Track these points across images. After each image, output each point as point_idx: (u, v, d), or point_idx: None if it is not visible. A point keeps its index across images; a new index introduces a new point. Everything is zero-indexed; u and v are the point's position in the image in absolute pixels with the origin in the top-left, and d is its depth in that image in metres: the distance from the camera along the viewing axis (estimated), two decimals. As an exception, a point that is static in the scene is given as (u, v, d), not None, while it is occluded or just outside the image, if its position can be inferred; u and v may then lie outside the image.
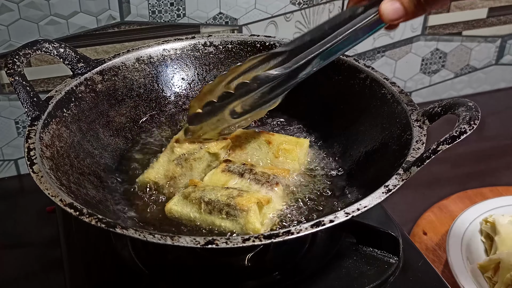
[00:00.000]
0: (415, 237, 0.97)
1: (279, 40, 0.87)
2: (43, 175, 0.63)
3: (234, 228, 0.66)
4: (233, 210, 0.66)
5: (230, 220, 0.66)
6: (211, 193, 0.68)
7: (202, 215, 0.68)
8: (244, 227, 0.66)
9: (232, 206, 0.66)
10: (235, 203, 0.66)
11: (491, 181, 1.11)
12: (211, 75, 0.88)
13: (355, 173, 0.76)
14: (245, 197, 0.67)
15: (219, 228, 0.67)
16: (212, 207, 0.67)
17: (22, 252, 0.93)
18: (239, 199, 0.66)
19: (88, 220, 0.58)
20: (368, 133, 0.77)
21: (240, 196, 0.67)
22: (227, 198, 0.67)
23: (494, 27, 1.30)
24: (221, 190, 0.69)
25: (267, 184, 0.71)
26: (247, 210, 0.66)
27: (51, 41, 0.76)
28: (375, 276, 0.72)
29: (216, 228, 0.67)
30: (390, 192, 0.61)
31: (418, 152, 0.65)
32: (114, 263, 0.74)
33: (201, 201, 0.68)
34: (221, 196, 0.67)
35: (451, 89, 1.35)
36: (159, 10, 1.01)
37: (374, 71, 0.80)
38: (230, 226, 0.66)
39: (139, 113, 0.85)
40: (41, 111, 0.72)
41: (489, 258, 0.88)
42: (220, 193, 0.68)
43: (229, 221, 0.66)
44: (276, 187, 0.71)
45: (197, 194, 0.68)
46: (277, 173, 0.74)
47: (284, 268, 0.74)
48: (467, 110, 0.64)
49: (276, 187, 0.71)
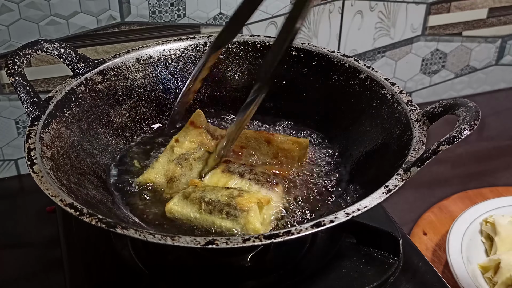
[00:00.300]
0: (415, 238, 0.97)
1: (279, 40, 0.87)
2: (44, 175, 0.63)
3: (235, 228, 0.66)
4: (234, 210, 0.66)
5: (231, 220, 0.66)
6: (212, 193, 0.68)
7: (202, 215, 0.68)
8: (245, 227, 0.66)
9: (233, 206, 0.66)
10: (235, 203, 0.66)
11: (491, 182, 1.11)
12: (211, 75, 0.88)
13: (355, 173, 0.76)
14: (246, 197, 0.67)
15: (220, 228, 0.67)
16: (213, 207, 0.67)
17: (22, 252, 0.93)
18: (239, 199, 0.66)
19: (89, 220, 0.58)
20: (368, 134, 0.77)
21: (241, 196, 0.67)
22: (227, 198, 0.67)
23: (494, 28, 1.30)
24: (222, 190, 0.69)
25: (267, 184, 0.71)
26: (248, 210, 0.66)
27: (52, 41, 0.76)
28: (375, 277, 0.72)
29: (216, 228, 0.67)
30: (390, 192, 0.61)
31: (418, 153, 0.65)
32: (114, 263, 0.74)
33: (201, 201, 0.68)
34: (222, 196, 0.67)
35: (451, 89, 1.35)
36: (159, 10, 1.01)
37: (374, 72, 0.80)
38: (231, 226, 0.66)
39: (139, 113, 0.85)
40: (42, 111, 0.72)
41: (489, 259, 0.88)
42: (221, 193, 0.68)
43: (230, 221, 0.66)
44: (277, 187, 0.71)
45: (197, 194, 0.68)
46: (277, 173, 0.74)
47: (284, 268, 0.74)
48: (467, 110, 0.64)
49: (276, 187, 0.71)
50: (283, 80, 0.87)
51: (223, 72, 0.89)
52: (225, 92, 0.89)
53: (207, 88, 0.89)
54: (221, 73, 0.89)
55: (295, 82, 0.87)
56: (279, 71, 0.87)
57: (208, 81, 0.88)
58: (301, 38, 1.12)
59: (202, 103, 0.89)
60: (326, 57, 0.84)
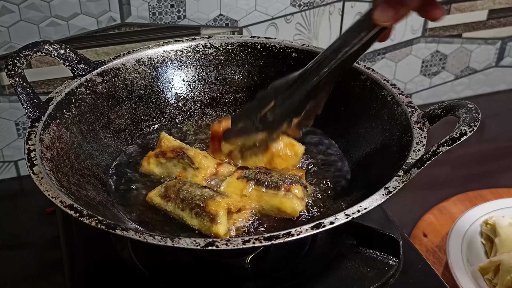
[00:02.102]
0: (415, 239, 0.97)
1: (280, 41, 0.87)
2: (43, 176, 0.63)
3: (200, 227, 0.68)
4: (202, 211, 0.67)
5: (198, 220, 0.68)
6: (188, 191, 0.70)
7: (176, 209, 0.70)
8: (209, 229, 0.67)
9: (202, 207, 0.68)
10: (205, 205, 0.67)
11: (491, 183, 1.11)
12: (212, 76, 0.89)
13: (355, 175, 0.76)
14: (216, 201, 0.68)
15: (189, 223, 0.68)
16: (185, 205, 0.69)
17: (22, 254, 0.93)
18: (210, 201, 0.68)
19: (88, 222, 0.58)
20: (369, 135, 0.77)
21: (212, 199, 0.68)
22: (199, 198, 0.68)
23: (494, 29, 1.30)
24: (198, 189, 0.70)
25: (285, 186, 0.71)
26: (214, 215, 0.67)
27: (52, 43, 0.76)
28: (375, 278, 0.72)
29: (187, 223, 0.69)
30: (390, 194, 0.61)
31: (418, 154, 0.65)
32: (114, 265, 0.74)
33: (177, 197, 0.70)
34: (195, 196, 0.69)
35: (451, 91, 1.35)
36: (159, 12, 1.01)
37: (374, 73, 0.80)
38: (197, 225, 0.68)
39: (139, 115, 0.85)
40: (42, 112, 0.72)
41: (489, 260, 0.88)
42: (196, 192, 0.69)
43: (197, 221, 0.68)
44: (295, 188, 0.71)
45: (175, 189, 0.70)
46: (293, 174, 0.73)
47: (284, 269, 0.74)
48: (467, 112, 0.64)
49: (295, 187, 0.71)
50: (283, 81, 0.87)
51: (223, 74, 0.89)
52: (225, 93, 0.89)
53: (207, 90, 0.89)
54: (221, 74, 0.89)
55: (295, 83, 0.86)
56: (279, 73, 0.87)
57: (208, 82, 0.88)
58: (301, 39, 1.12)
59: (202, 104, 0.89)
60: (326, 58, 0.84)
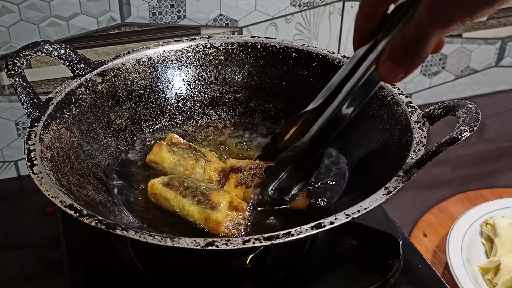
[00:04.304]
0: (415, 239, 0.97)
1: (280, 41, 0.87)
2: (43, 176, 0.63)
3: (198, 216, 0.68)
4: (205, 199, 0.68)
5: (199, 207, 0.68)
6: (193, 181, 0.71)
7: (177, 196, 0.70)
8: (208, 216, 0.67)
9: (206, 195, 0.69)
10: (209, 194, 0.69)
11: (491, 183, 1.11)
12: (212, 76, 0.88)
13: (355, 175, 0.76)
14: (220, 193, 0.69)
15: (187, 212, 0.69)
16: (188, 192, 0.70)
17: (23, 253, 0.93)
18: (214, 192, 0.69)
19: (88, 222, 0.58)
20: (368, 135, 0.77)
21: (217, 191, 0.69)
22: (204, 188, 0.70)
23: (494, 29, 1.30)
24: (203, 183, 0.72)
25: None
26: (217, 203, 0.67)
27: (52, 43, 0.76)
28: (375, 278, 0.72)
29: (185, 212, 0.69)
30: (390, 193, 0.61)
31: (418, 154, 0.65)
32: (114, 265, 0.74)
33: (181, 185, 0.71)
34: (200, 186, 0.70)
35: (451, 91, 1.35)
36: (159, 12, 1.01)
37: (374, 73, 0.80)
38: (196, 212, 0.68)
39: (139, 115, 0.85)
40: (42, 112, 0.72)
41: (489, 260, 0.88)
42: (201, 184, 0.71)
43: (197, 208, 0.68)
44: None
45: (180, 179, 0.72)
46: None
47: (284, 269, 0.74)
48: (467, 112, 0.64)
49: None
50: (283, 81, 0.87)
51: (223, 73, 0.89)
52: (225, 93, 0.89)
53: (207, 89, 0.89)
54: (221, 74, 0.89)
55: (295, 83, 0.87)
56: (279, 73, 0.87)
57: (208, 82, 0.88)
58: (301, 39, 1.12)
59: (202, 104, 0.89)
60: (326, 58, 0.84)
